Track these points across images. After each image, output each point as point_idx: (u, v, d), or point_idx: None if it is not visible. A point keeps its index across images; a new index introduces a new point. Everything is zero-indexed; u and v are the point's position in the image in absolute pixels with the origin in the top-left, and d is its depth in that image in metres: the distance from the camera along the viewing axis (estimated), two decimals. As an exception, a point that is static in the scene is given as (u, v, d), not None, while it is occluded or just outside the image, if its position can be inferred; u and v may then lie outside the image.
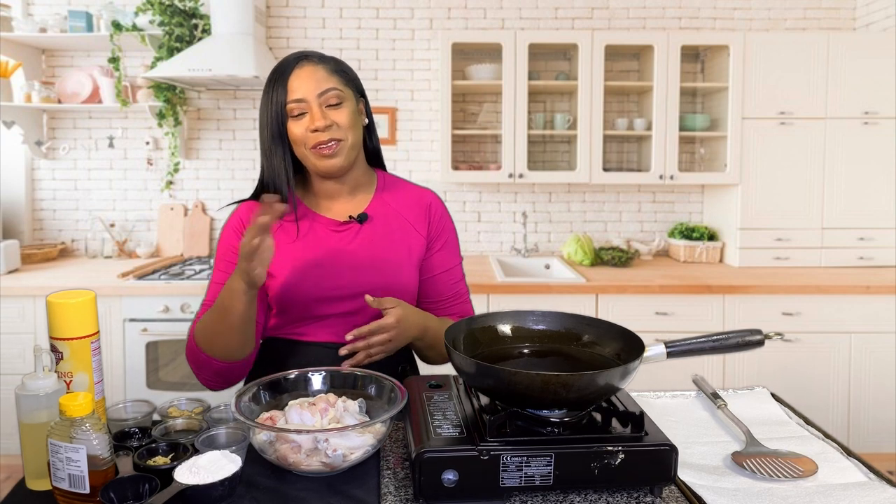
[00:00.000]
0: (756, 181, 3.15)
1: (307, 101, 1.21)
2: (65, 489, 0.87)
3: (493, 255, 3.48)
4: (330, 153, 1.23)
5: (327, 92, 1.22)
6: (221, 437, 1.00)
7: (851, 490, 0.90)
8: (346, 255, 1.29)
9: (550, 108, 3.48)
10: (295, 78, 1.22)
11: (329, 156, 1.23)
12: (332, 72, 1.25)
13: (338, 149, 1.23)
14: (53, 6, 3.36)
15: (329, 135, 1.22)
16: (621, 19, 3.43)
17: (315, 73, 1.22)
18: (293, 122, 1.22)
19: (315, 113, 1.21)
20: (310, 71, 1.23)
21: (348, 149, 1.25)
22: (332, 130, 1.22)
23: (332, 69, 1.25)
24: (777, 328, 2.82)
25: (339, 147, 1.24)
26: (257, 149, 3.40)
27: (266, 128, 1.24)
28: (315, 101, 1.21)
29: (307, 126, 1.22)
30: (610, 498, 0.89)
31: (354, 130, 1.27)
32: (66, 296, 1.00)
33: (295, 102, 1.21)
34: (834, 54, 3.07)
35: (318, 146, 1.22)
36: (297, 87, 1.21)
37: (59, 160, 3.45)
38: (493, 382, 0.93)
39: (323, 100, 1.22)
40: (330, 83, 1.23)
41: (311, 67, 1.23)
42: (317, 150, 1.22)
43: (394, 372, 1.30)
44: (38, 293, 2.77)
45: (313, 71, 1.23)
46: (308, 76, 1.22)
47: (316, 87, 1.21)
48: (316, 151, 1.23)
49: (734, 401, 1.22)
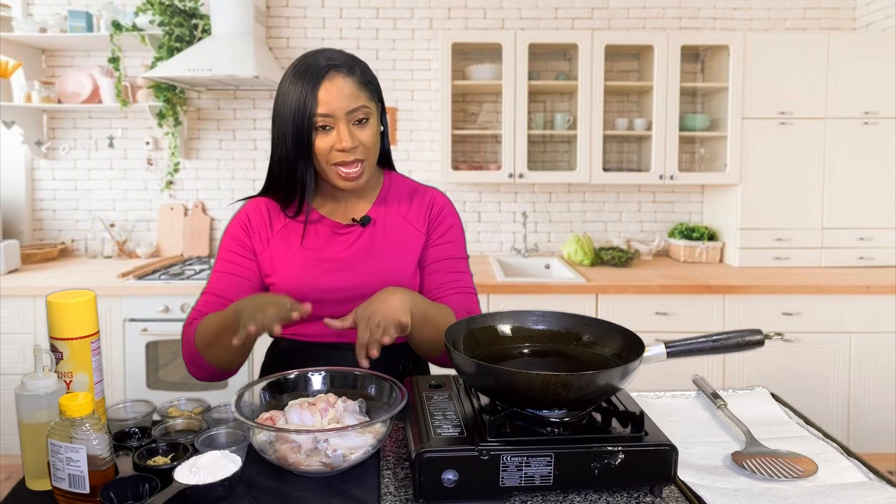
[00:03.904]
0: (756, 181, 3.15)
1: (335, 116, 1.20)
2: (65, 489, 0.87)
3: (493, 255, 3.48)
4: (355, 175, 1.23)
5: (357, 110, 1.21)
6: (221, 437, 1.00)
7: (851, 490, 0.90)
8: (348, 259, 1.30)
9: (550, 108, 3.48)
10: (325, 91, 1.19)
11: (352, 178, 1.24)
12: (361, 85, 1.23)
13: (360, 169, 1.24)
14: (53, 6, 3.36)
15: (354, 156, 1.22)
16: (621, 19, 3.43)
17: (345, 87, 1.20)
18: (319, 135, 1.21)
19: (343, 132, 1.20)
20: (340, 84, 1.20)
21: (368, 168, 1.26)
22: (358, 152, 1.22)
23: (361, 82, 1.23)
24: (777, 328, 2.82)
25: (362, 168, 1.24)
26: (257, 149, 3.40)
27: (289, 134, 1.21)
28: (343, 118, 1.20)
29: (333, 143, 1.21)
30: (610, 498, 0.89)
31: (376, 147, 1.27)
32: (66, 296, 1.00)
33: (322, 117, 1.19)
34: (834, 54, 3.07)
35: (342, 165, 1.22)
36: (326, 100, 1.19)
37: (59, 160, 3.45)
38: (493, 382, 0.93)
39: (351, 117, 1.21)
40: (359, 100, 1.21)
41: (342, 81, 1.20)
42: (338, 169, 1.23)
43: (394, 371, 1.30)
44: (38, 293, 2.77)
45: (343, 85, 1.20)
46: (338, 91, 1.19)
47: (346, 104, 1.19)
48: (338, 170, 1.23)
49: (734, 401, 1.22)
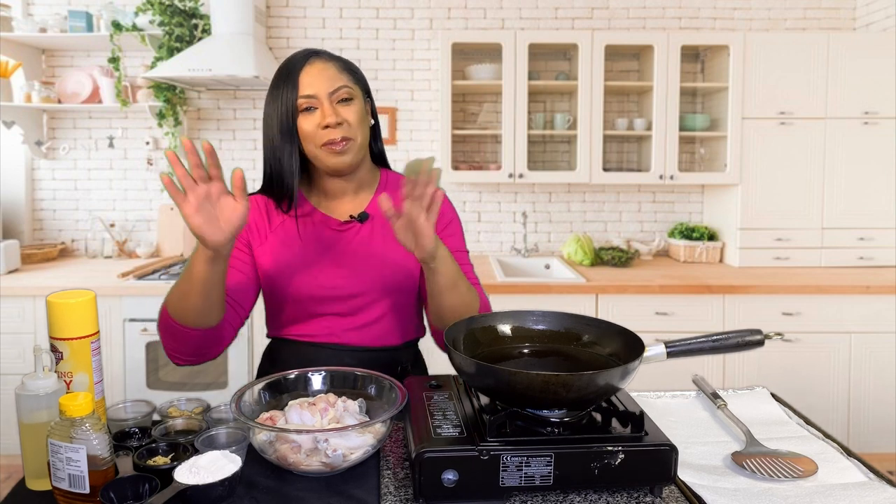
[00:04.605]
0: (756, 181, 3.15)
1: (318, 97, 1.21)
2: (65, 489, 0.87)
3: (493, 255, 3.48)
4: (341, 150, 1.22)
5: (339, 89, 1.22)
6: (221, 437, 1.00)
7: (851, 490, 0.90)
8: (346, 255, 1.29)
9: (550, 108, 3.48)
10: (305, 74, 1.21)
11: (340, 153, 1.23)
12: (342, 70, 1.25)
13: (348, 146, 1.23)
14: (53, 6, 3.36)
15: (340, 132, 1.22)
16: (621, 19, 3.43)
17: (326, 69, 1.22)
18: (303, 117, 1.22)
19: (326, 109, 1.21)
20: (320, 67, 1.22)
21: (358, 147, 1.25)
22: (343, 128, 1.22)
23: (342, 67, 1.25)
24: (777, 328, 2.82)
25: (349, 145, 1.23)
26: (257, 149, 3.40)
27: (275, 125, 1.23)
28: (326, 97, 1.21)
29: (318, 122, 1.21)
30: (610, 498, 0.89)
31: (363, 129, 1.27)
32: (66, 296, 0.99)
33: (306, 98, 1.21)
34: (834, 54, 3.07)
35: (330, 143, 1.22)
36: (308, 83, 1.21)
37: (59, 160, 3.45)
38: (493, 382, 0.93)
39: (334, 97, 1.22)
40: (341, 80, 1.23)
41: (322, 64, 1.23)
42: (328, 147, 1.22)
43: (394, 371, 1.30)
44: (38, 293, 2.77)
45: (324, 68, 1.22)
46: (319, 73, 1.22)
47: (327, 83, 1.21)
48: (327, 148, 1.22)
49: (734, 401, 1.22)
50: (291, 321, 1.32)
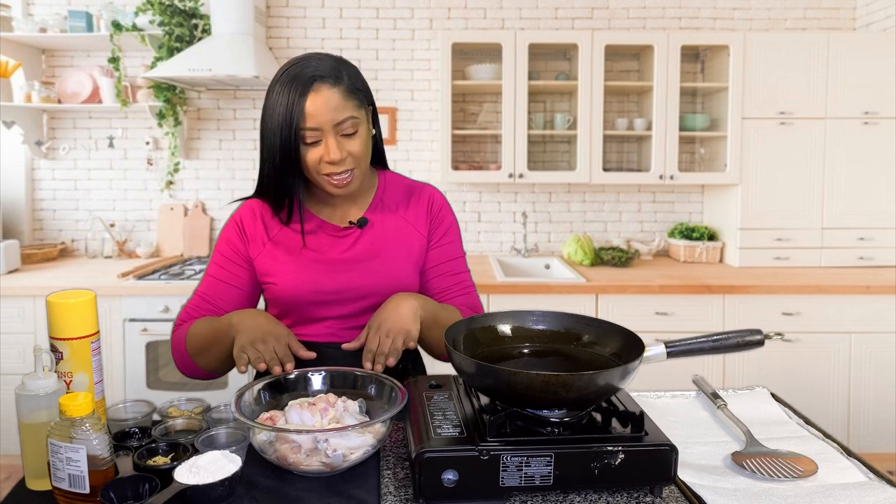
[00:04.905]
0: (756, 181, 3.15)
1: (323, 129, 1.17)
2: (65, 489, 0.87)
3: (493, 255, 3.48)
4: (343, 183, 1.22)
5: (344, 122, 1.18)
6: (221, 437, 1.00)
7: (851, 490, 0.90)
8: (346, 261, 1.30)
9: (550, 108, 3.48)
10: (311, 102, 1.16)
11: (340, 185, 1.23)
12: (349, 94, 1.19)
13: (350, 179, 1.23)
14: (53, 6, 3.36)
15: (343, 167, 1.20)
16: (621, 19, 3.43)
17: (332, 98, 1.17)
18: (307, 148, 1.19)
19: (330, 145, 1.18)
20: (327, 96, 1.16)
21: (360, 174, 1.25)
22: (347, 163, 1.21)
23: (348, 91, 1.19)
24: (777, 328, 2.82)
25: (352, 176, 1.23)
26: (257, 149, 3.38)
27: (277, 147, 1.18)
28: (331, 130, 1.18)
29: (321, 155, 1.19)
30: (610, 498, 0.89)
31: (367, 155, 1.25)
32: (66, 296, 0.99)
33: (310, 130, 1.17)
34: (834, 54, 3.07)
35: (332, 176, 1.21)
36: (313, 113, 1.16)
37: (59, 160, 3.45)
38: (493, 382, 0.93)
39: (339, 129, 1.19)
40: (346, 111, 1.18)
41: (328, 92, 1.17)
42: (329, 179, 1.21)
43: (394, 371, 1.30)
44: (38, 293, 2.77)
45: (330, 96, 1.17)
46: (325, 103, 1.16)
47: (332, 114, 1.17)
48: (328, 180, 1.22)
49: (734, 401, 1.22)
50: (292, 325, 1.32)
